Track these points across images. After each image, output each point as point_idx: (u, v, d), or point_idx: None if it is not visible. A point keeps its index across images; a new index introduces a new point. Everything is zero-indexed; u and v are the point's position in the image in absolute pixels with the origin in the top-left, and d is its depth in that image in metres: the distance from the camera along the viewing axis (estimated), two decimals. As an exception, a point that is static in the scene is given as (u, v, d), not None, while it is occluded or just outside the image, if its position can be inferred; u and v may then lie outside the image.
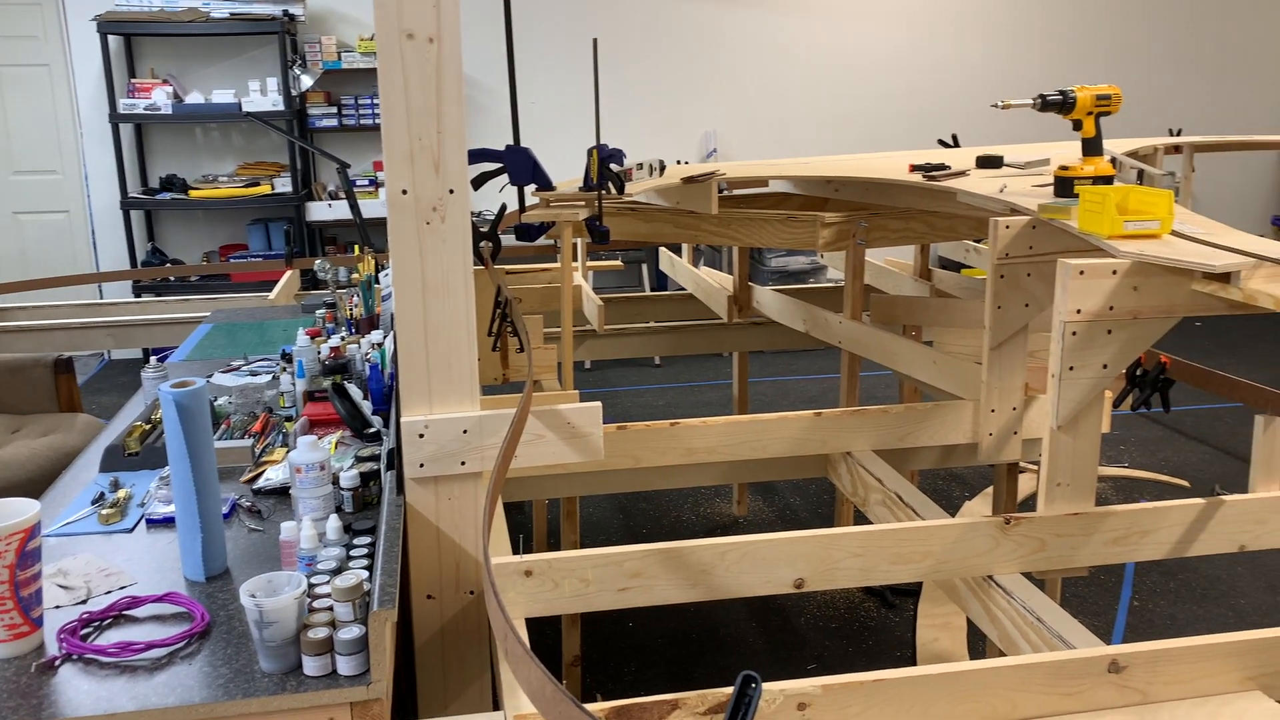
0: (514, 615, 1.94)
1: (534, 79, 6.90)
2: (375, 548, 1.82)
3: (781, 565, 2.10)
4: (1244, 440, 5.02)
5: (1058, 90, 2.33)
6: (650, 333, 4.22)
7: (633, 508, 4.46)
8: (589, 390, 6.12)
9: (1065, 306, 1.92)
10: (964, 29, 7.60)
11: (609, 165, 2.90)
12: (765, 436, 2.81)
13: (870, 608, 3.62)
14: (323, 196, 6.78)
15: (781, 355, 6.75)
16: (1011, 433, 2.59)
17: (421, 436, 1.94)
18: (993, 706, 1.68)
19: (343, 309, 3.33)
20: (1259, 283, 1.77)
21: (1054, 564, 2.17)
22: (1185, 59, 7.93)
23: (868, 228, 3.22)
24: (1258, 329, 7.13)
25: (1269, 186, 8.30)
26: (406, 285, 1.93)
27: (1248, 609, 3.56)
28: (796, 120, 7.47)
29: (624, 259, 6.60)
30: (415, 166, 1.90)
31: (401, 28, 1.86)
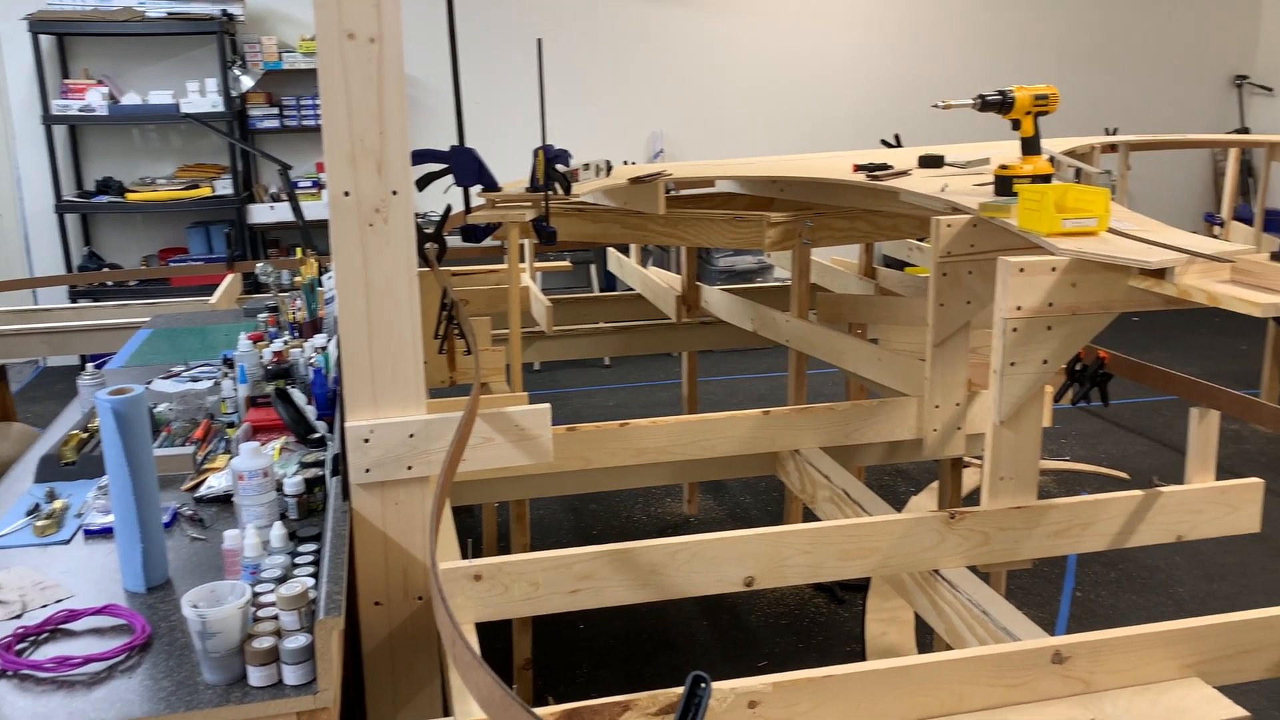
0: (463, 620, 1.93)
1: (479, 79, 6.86)
2: (321, 555, 1.80)
3: (731, 564, 2.11)
4: (1180, 432, 5.14)
5: (997, 90, 2.37)
6: (599, 333, 4.21)
7: (584, 509, 4.45)
8: (538, 392, 6.10)
9: (1006, 303, 1.95)
10: (905, 30, 7.70)
11: (555, 166, 2.89)
12: (714, 435, 2.82)
13: (820, 604, 3.64)
14: (264, 199, 6.68)
15: (730, 354, 6.78)
16: (955, 428, 2.63)
17: (367, 441, 1.92)
18: (940, 700, 1.70)
19: (285, 313, 3.28)
20: (1192, 278, 1.81)
21: (998, 557, 2.20)
22: (1120, 60, 8.11)
23: (813, 227, 3.25)
24: (1192, 323, 7.31)
25: (1201, 184, 8.51)
26: (350, 288, 1.90)
27: (1185, 597, 3.65)
28: (742, 120, 7.51)
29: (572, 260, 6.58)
30: (357, 168, 1.88)
31: (342, 28, 1.84)
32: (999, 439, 2.11)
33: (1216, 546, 3.92)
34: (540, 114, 2.83)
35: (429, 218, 6.34)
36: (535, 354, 4.13)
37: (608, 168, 3.34)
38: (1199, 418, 2.42)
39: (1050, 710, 1.73)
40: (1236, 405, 2.39)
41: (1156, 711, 1.72)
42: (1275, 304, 1.67)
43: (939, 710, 1.71)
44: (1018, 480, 2.15)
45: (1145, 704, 1.74)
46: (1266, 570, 3.81)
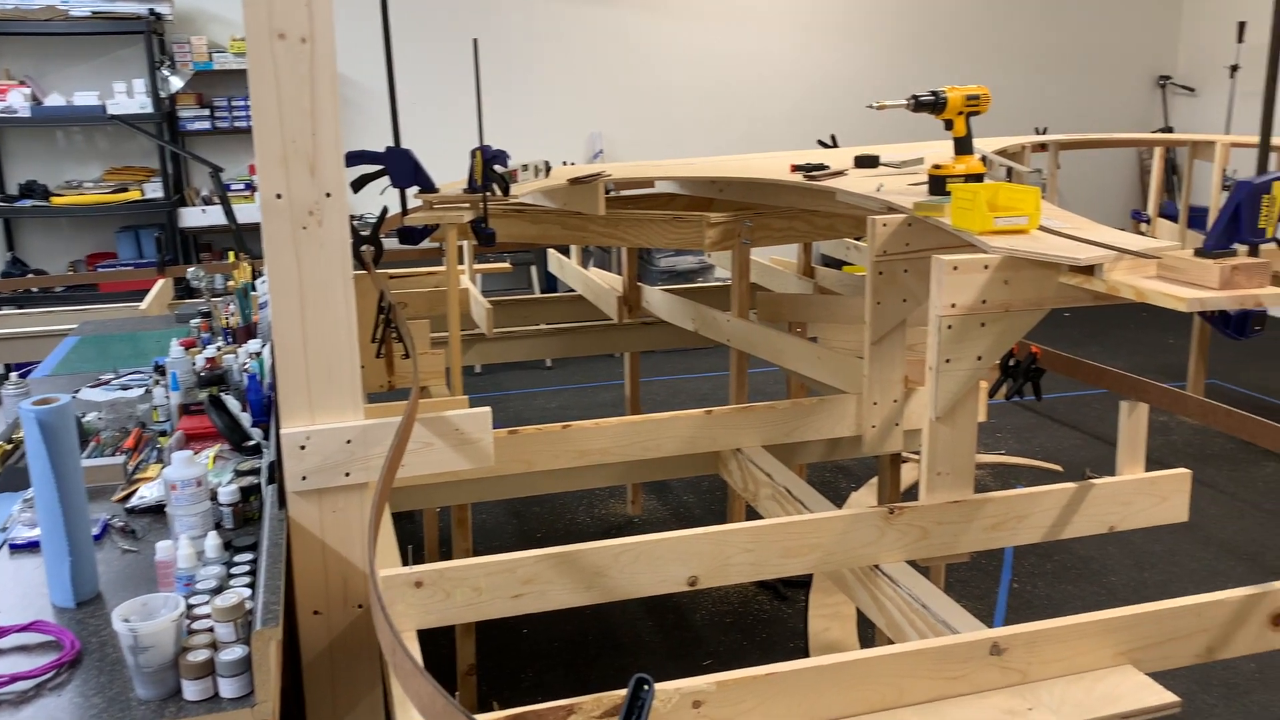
0: (404, 628, 1.90)
1: (414, 79, 6.79)
2: (257, 564, 1.77)
3: (675, 564, 2.11)
4: (1111, 424, 5.27)
5: (930, 91, 2.39)
6: (540, 335, 4.20)
7: (527, 512, 4.43)
8: (479, 395, 6.06)
9: (940, 301, 1.97)
10: (841, 32, 7.78)
11: (493, 167, 2.87)
12: (657, 436, 2.82)
13: (764, 601, 3.67)
14: (196, 202, 6.55)
15: (672, 354, 6.80)
16: (893, 424, 2.66)
17: (303, 448, 1.89)
18: (881, 694, 1.72)
19: (218, 318, 3.22)
20: (1120, 274, 1.85)
21: (937, 551, 2.23)
22: (1049, 61, 8.28)
23: (752, 227, 3.26)
24: (1121, 318, 7.49)
25: (1128, 182, 8.73)
26: (283, 292, 1.87)
27: (1118, 586, 3.74)
28: (682, 121, 7.54)
29: (512, 261, 6.55)
30: (290, 170, 1.84)
31: (272, 27, 1.80)
32: (936, 434, 2.14)
33: (1147, 536, 4.02)
34: (478, 114, 2.81)
35: (365, 220, 6.27)
36: (476, 356, 4.10)
37: (546, 168, 3.33)
38: (1128, 410, 2.48)
39: (989, 701, 1.75)
40: (1164, 398, 2.45)
41: (1091, 700, 1.76)
42: (1200, 299, 1.71)
43: (880, 704, 1.73)
44: (954, 475, 2.18)
45: (1080, 692, 1.78)
46: (1194, 558, 3.92)
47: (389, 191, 2.87)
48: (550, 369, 6.67)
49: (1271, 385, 5.95)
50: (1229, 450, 4.93)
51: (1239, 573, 3.79)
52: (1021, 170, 3.13)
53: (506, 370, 6.61)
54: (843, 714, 1.72)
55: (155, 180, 6.38)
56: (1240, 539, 4.06)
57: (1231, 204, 1.79)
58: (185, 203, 6.51)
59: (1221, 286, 1.73)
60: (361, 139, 6.60)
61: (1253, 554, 3.94)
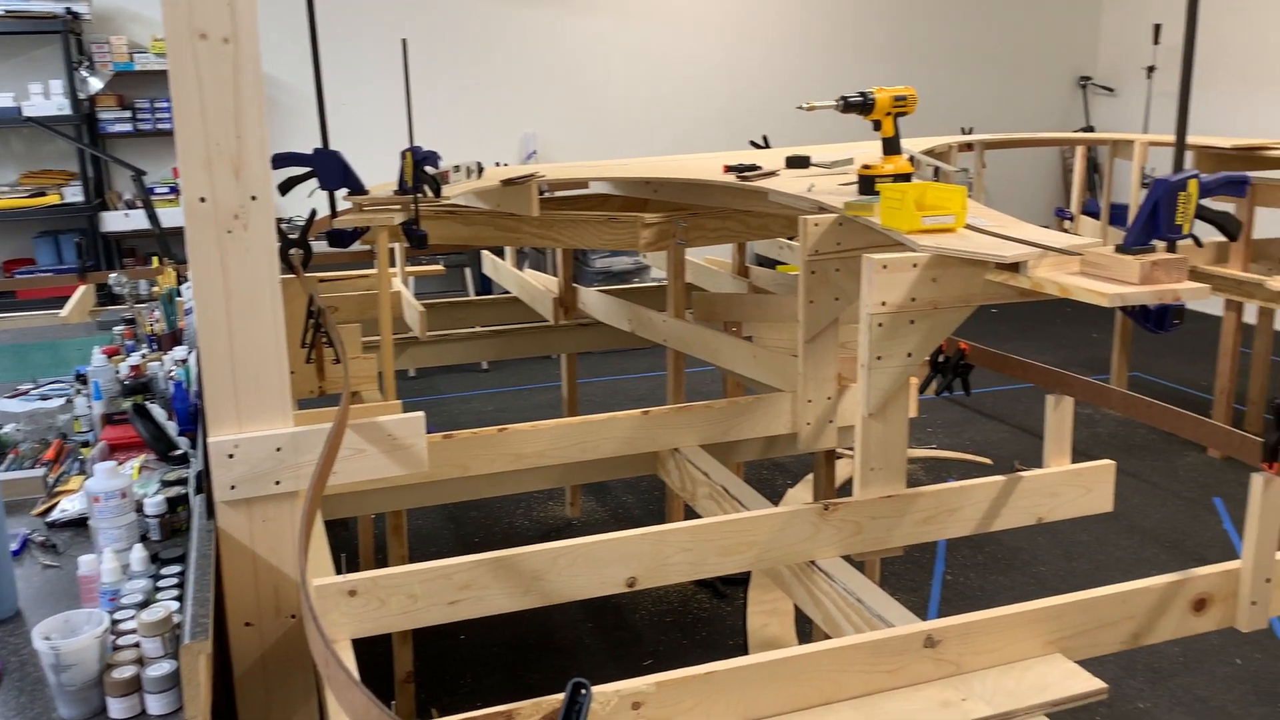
0: (339, 637, 1.87)
1: (343, 79, 6.70)
2: (185, 577, 1.73)
3: (613, 565, 2.11)
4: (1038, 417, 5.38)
5: (859, 92, 2.42)
6: (475, 338, 4.16)
7: (463, 517, 4.40)
8: (413, 399, 5.99)
9: (871, 299, 2.00)
10: (773, 34, 7.85)
11: (424, 168, 2.85)
12: (595, 437, 2.82)
13: (703, 599, 3.68)
14: (118, 206, 6.38)
15: (610, 355, 6.80)
16: (827, 421, 2.69)
17: (231, 457, 1.85)
18: (818, 689, 1.74)
19: (143, 325, 3.14)
20: (1045, 271, 1.89)
21: (871, 545, 2.26)
22: (974, 62, 8.45)
23: (687, 227, 3.28)
24: (1046, 314, 7.67)
25: (1052, 180, 8.94)
26: (209, 298, 1.83)
27: (1048, 575, 3.82)
28: (616, 122, 7.54)
29: (445, 263, 6.49)
30: (213, 173, 1.80)
31: (193, 27, 1.77)
32: (868, 430, 2.16)
33: (1074, 526, 4.12)
34: (407, 115, 2.78)
35: (294, 223, 6.16)
36: (409, 360, 4.06)
37: (479, 169, 3.30)
38: (1054, 404, 2.53)
39: (924, 693, 1.78)
40: (1089, 391, 2.51)
41: (1022, 689, 1.79)
42: (1121, 294, 1.75)
43: (818, 699, 1.74)
44: (887, 470, 2.21)
45: (1012, 682, 1.81)
46: (1120, 546, 4.02)
47: (318, 194, 2.82)
48: (486, 372, 6.63)
49: (1191, 377, 6.13)
50: (1151, 441, 5.07)
51: (1163, 559, 3.90)
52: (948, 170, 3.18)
53: (441, 374, 6.54)
54: (781, 710, 1.73)
55: (75, 184, 6.20)
56: (1163, 527, 4.18)
57: (1150, 202, 1.84)
58: (107, 206, 6.34)
59: (1141, 282, 1.78)
60: (289, 140, 6.49)
61: (1175, 541, 4.05)
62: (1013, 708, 1.75)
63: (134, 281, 3.67)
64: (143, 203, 4.27)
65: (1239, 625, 2.03)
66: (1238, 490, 4.47)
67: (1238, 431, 2.24)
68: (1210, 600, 2.01)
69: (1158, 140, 5.05)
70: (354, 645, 1.91)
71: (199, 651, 1.45)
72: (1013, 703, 1.76)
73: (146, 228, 6.20)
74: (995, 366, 2.74)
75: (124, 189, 6.49)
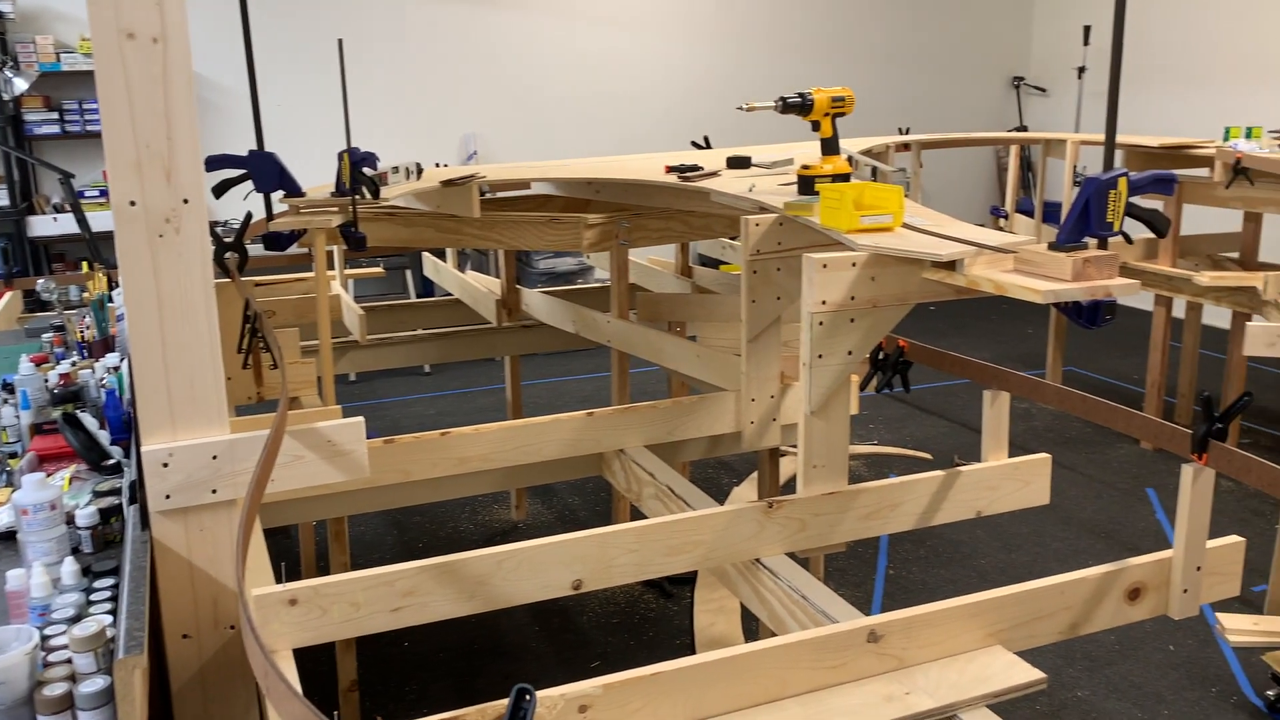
0: (280, 647, 1.84)
1: (278, 80, 6.60)
2: (119, 589, 1.68)
3: (559, 568, 2.10)
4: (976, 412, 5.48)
5: (797, 93, 2.44)
6: (417, 341, 4.12)
7: (407, 522, 4.35)
8: (354, 404, 5.92)
9: (811, 298, 2.01)
10: (713, 35, 7.89)
11: (362, 169, 2.81)
12: (539, 439, 2.80)
13: (650, 599, 3.69)
14: (46, 210, 6.21)
15: (554, 357, 6.78)
16: (771, 420, 2.70)
17: (166, 466, 1.81)
18: (764, 687, 1.75)
19: (72, 331, 3.06)
20: (980, 269, 1.92)
21: (815, 542, 2.28)
22: (911, 63, 8.57)
23: (630, 228, 3.28)
24: (983, 310, 7.80)
25: (987, 179, 9.10)
26: (140, 304, 1.79)
27: (988, 568, 3.89)
28: (557, 123, 7.52)
29: (385, 265, 6.43)
30: (144, 176, 1.76)
31: (120, 27, 1.72)
32: (811, 428, 2.18)
33: (1013, 518, 4.19)
34: (344, 116, 2.74)
35: (229, 226, 6.06)
36: (349, 365, 4.00)
37: (418, 170, 3.27)
38: (991, 399, 2.58)
39: (868, 688, 1.80)
40: (1024, 386, 2.56)
41: (964, 681, 1.82)
42: (1054, 291, 1.79)
43: (764, 696, 1.75)
44: (830, 467, 2.23)
45: (954, 674, 1.84)
46: (1057, 538, 4.10)
47: (253, 196, 2.78)
48: (429, 375, 6.57)
49: (1124, 371, 6.28)
50: (1086, 434, 5.18)
51: (1098, 550, 3.99)
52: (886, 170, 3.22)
53: (383, 377, 6.47)
54: (728, 709, 1.73)
55: (0, 188, 6.03)
56: (1099, 518, 4.27)
57: (1081, 200, 1.88)
58: (34, 211, 6.17)
59: (1074, 278, 1.81)
60: (224, 142, 6.37)
61: (1110, 531, 4.15)
62: (955, 700, 1.77)
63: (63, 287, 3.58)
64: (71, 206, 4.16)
65: (1171, 613, 2.08)
66: (1170, 480, 4.59)
67: (1168, 424, 2.29)
68: (1144, 589, 2.06)
69: (1089, 139, 5.16)
70: (296, 654, 1.88)
71: (134, 666, 1.41)
72: (955, 695, 1.78)
73: (76, 232, 6.06)
74: (934, 363, 2.78)
75: (52, 192, 6.32)
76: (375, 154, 2.88)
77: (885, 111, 8.03)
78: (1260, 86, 6.85)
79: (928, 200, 7.97)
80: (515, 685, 1.09)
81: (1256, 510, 4.25)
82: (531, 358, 6.60)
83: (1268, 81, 6.79)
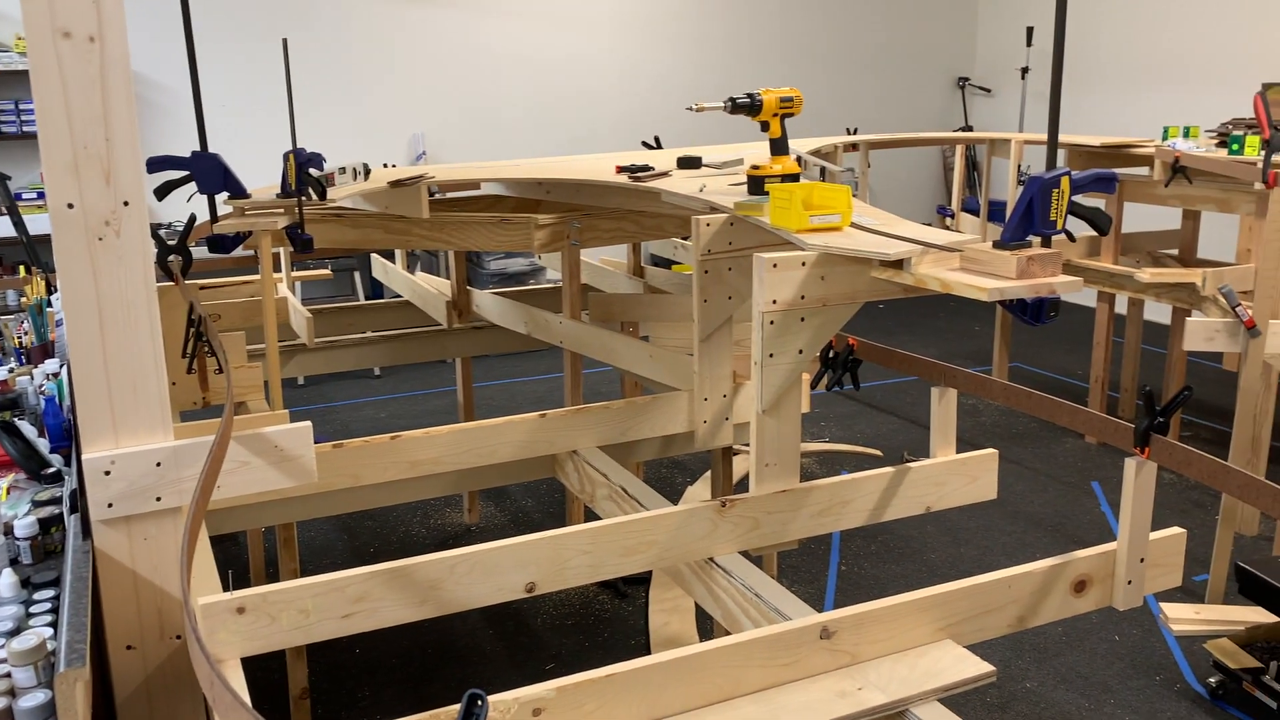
0: (227, 656, 1.81)
1: (221, 80, 6.50)
2: (60, 601, 1.64)
3: (512, 571, 2.09)
4: (925, 409, 5.54)
5: (746, 93, 2.45)
6: (366, 343, 4.08)
7: (358, 527, 4.30)
8: (303, 408, 5.85)
9: (762, 297, 2.02)
10: (664, 36, 7.90)
11: (308, 170, 2.77)
12: (491, 442, 2.79)
13: (604, 600, 3.68)
14: (-18, 212, 6.06)
15: (506, 358, 6.74)
16: (724, 419, 2.71)
17: (108, 474, 1.77)
18: (718, 686, 1.75)
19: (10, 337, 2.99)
20: (927, 267, 1.94)
21: (768, 540, 2.29)
22: (858, 63, 8.65)
23: (581, 228, 3.27)
24: (930, 308, 7.89)
25: (933, 179, 9.21)
26: (79, 309, 1.75)
27: (938, 563, 3.93)
28: (507, 122, 7.48)
29: (333, 267, 6.36)
30: (81, 177, 1.73)
31: (56, 25, 1.68)
32: (763, 427, 2.19)
33: (962, 513, 4.25)
34: (290, 116, 2.70)
35: (173, 228, 5.95)
36: (297, 368, 3.95)
37: (365, 171, 3.24)
38: (939, 396, 2.61)
39: (821, 684, 1.81)
40: (971, 383, 2.59)
41: (915, 675, 1.84)
42: (1000, 289, 1.81)
43: (718, 695, 1.76)
44: (782, 465, 2.24)
45: (905, 669, 1.86)
46: (1005, 532, 4.17)
47: (197, 198, 2.73)
48: (379, 378, 6.50)
49: (1068, 366, 6.39)
50: (1032, 429, 5.27)
51: (1045, 543, 4.06)
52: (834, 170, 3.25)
53: (332, 381, 6.40)
54: (682, 709, 1.74)
55: (-68, 189, 5.87)
56: (1045, 511, 4.34)
57: (1025, 198, 1.91)
58: (-31, 213, 6.01)
59: (1018, 276, 1.84)
60: (168, 143, 6.26)
61: (1056, 525, 4.22)
62: (907, 694, 1.79)
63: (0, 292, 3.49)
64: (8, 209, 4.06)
65: (1116, 604, 2.12)
66: (1114, 474, 4.68)
67: (1112, 419, 2.33)
68: (1089, 581, 2.10)
69: (1032, 139, 5.24)
70: (246, 663, 1.85)
71: (76, 679, 1.38)
72: (906, 689, 1.80)
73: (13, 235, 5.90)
74: (883, 361, 2.81)
75: (-13, 194, 6.16)
76: (321, 155, 2.85)
77: (833, 112, 8.11)
78: (1197, 88, 7.02)
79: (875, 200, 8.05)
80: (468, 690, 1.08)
81: (1197, 502, 4.35)
82: (483, 359, 6.56)
83: (1205, 83, 6.96)
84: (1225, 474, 2.01)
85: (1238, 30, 6.74)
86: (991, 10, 8.90)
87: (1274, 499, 1.96)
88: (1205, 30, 6.96)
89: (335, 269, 6.40)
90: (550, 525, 4.16)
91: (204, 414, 3.10)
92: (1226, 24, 6.81)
